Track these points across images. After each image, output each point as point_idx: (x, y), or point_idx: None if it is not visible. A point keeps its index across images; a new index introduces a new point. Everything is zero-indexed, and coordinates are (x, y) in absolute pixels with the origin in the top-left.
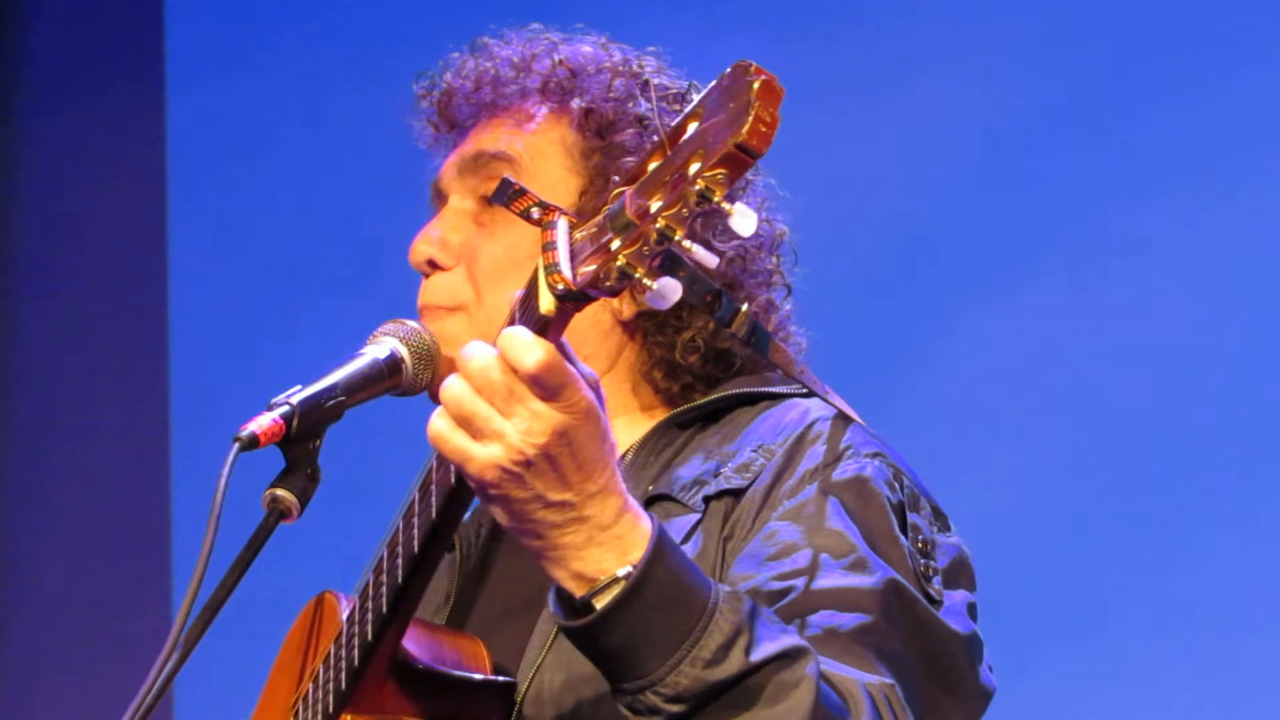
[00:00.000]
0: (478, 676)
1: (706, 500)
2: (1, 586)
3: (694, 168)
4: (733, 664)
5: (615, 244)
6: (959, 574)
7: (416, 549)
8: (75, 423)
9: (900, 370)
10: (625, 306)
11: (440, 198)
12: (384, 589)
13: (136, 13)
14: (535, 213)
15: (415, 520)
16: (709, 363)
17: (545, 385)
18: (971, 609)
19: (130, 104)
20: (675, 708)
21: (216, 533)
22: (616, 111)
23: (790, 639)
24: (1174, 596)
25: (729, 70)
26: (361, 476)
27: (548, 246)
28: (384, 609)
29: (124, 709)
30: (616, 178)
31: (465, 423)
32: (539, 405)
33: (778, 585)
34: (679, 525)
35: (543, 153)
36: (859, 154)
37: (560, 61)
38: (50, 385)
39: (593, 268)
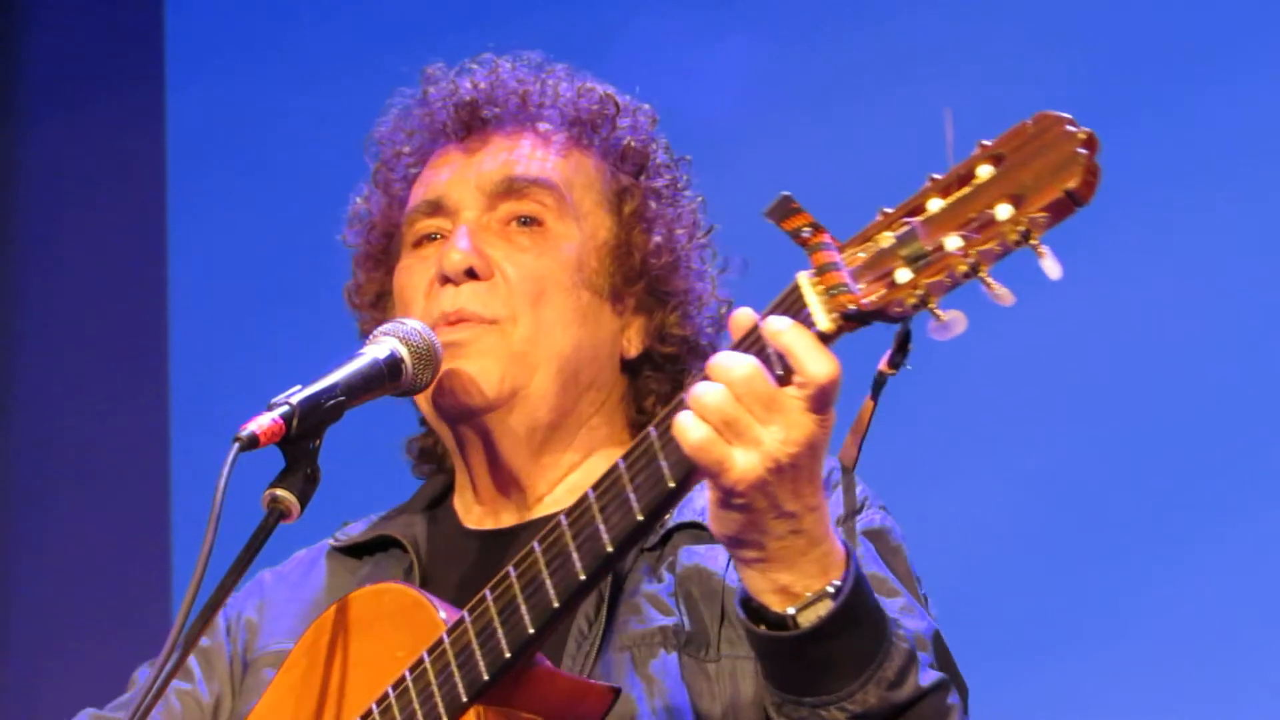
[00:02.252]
0: (592, 681)
1: None
2: (2, 586)
3: (1004, 209)
4: (909, 687)
5: (904, 273)
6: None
7: (610, 547)
8: (75, 424)
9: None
10: (632, 345)
11: (438, 207)
12: (550, 584)
13: (136, 12)
14: (806, 231)
15: (601, 519)
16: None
17: (826, 397)
18: None
19: (130, 104)
20: None
21: (216, 533)
22: (649, 152)
23: (937, 670)
24: (1174, 596)
25: (1032, 121)
26: (361, 476)
27: (826, 268)
28: (529, 630)
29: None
30: (887, 209)
31: (727, 427)
32: (800, 415)
33: None
34: (713, 553)
35: (574, 184)
36: (858, 154)
37: (604, 95)
38: (50, 386)
39: (878, 293)
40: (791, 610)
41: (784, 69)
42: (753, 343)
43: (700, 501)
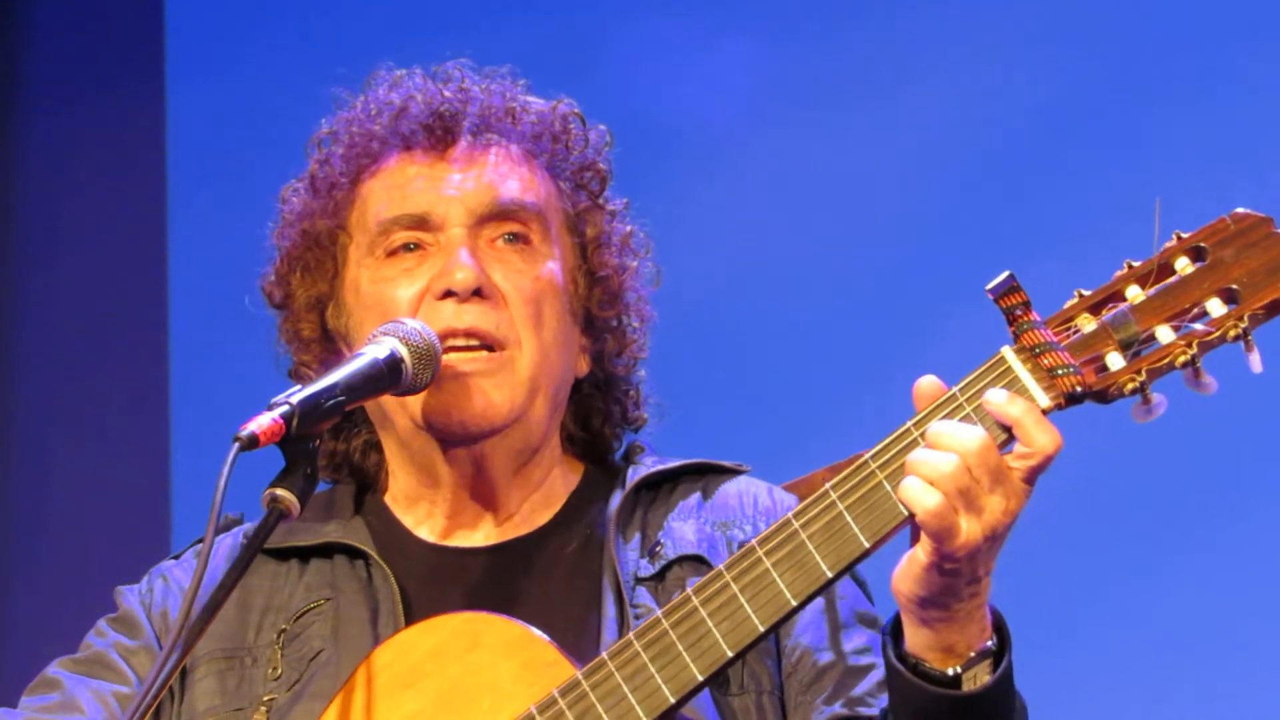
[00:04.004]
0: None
1: None
2: (2, 586)
3: (1215, 304)
4: None
5: (1115, 358)
6: None
7: (763, 630)
8: (75, 423)
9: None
10: (582, 365)
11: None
12: (689, 659)
13: (136, 12)
14: (1019, 310)
15: (748, 599)
16: (630, 416)
17: (1043, 470)
18: None
19: (130, 104)
20: None
21: (217, 533)
22: (606, 174)
23: None
24: (1171, 597)
25: (1229, 218)
26: None
27: (1043, 348)
28: (698, 679)
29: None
30: (1084, 291)
31: (960, 495)
32: (1019, 485)
33: (862, 660)
34: None
35: (550, 204)
36: (856, 153)
37: (565, 114)
38: (50, 385)
39: (1092, 375)
40: (954, 670)
41: (782, 71)
42: (959, 410)
43: (691, 534)
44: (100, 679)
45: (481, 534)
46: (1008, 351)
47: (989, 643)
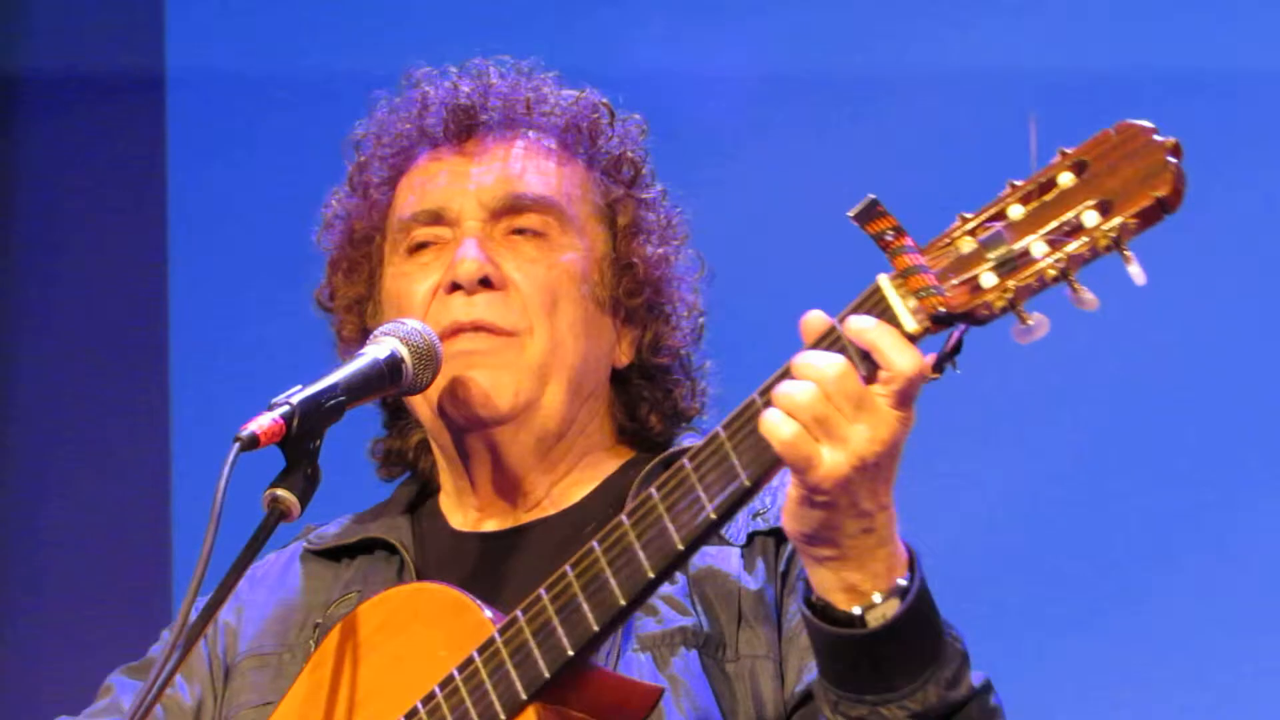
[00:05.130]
0: (638, 681)
1: (750, 536)
2: (2, 586)
3: (1091, 216)
4: (964, 687)
5: (990, 277)
6: None
7: (652, 574)
8: (75, 423)
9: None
10: (624, 355)
11: (435, 216)
12: (588, 609)
13: (136, 13)
14: (890, 235)
15: (668, 517)
16: (681, 407)
17: (911, 393)
18: None
19: (130, 104)
20: None
21: (216, 533)
22: (640, 163)
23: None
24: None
25: (1113, 130)
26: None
27: (912, 270)
28: (594, 628)
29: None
30: (966, 214)
31: (817, 424)
32: (886, 413)
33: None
34: (724, 555)
35: (574, 197)
36: (853, 153)
37: (595, 104)
38: (50, 385)
39: (964, 296)
40: (859, 609)
41: (779, 67)
42: (833, 342)
43: None
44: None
45: (504, 520)
46: (883, 279)
47: (900, 580)
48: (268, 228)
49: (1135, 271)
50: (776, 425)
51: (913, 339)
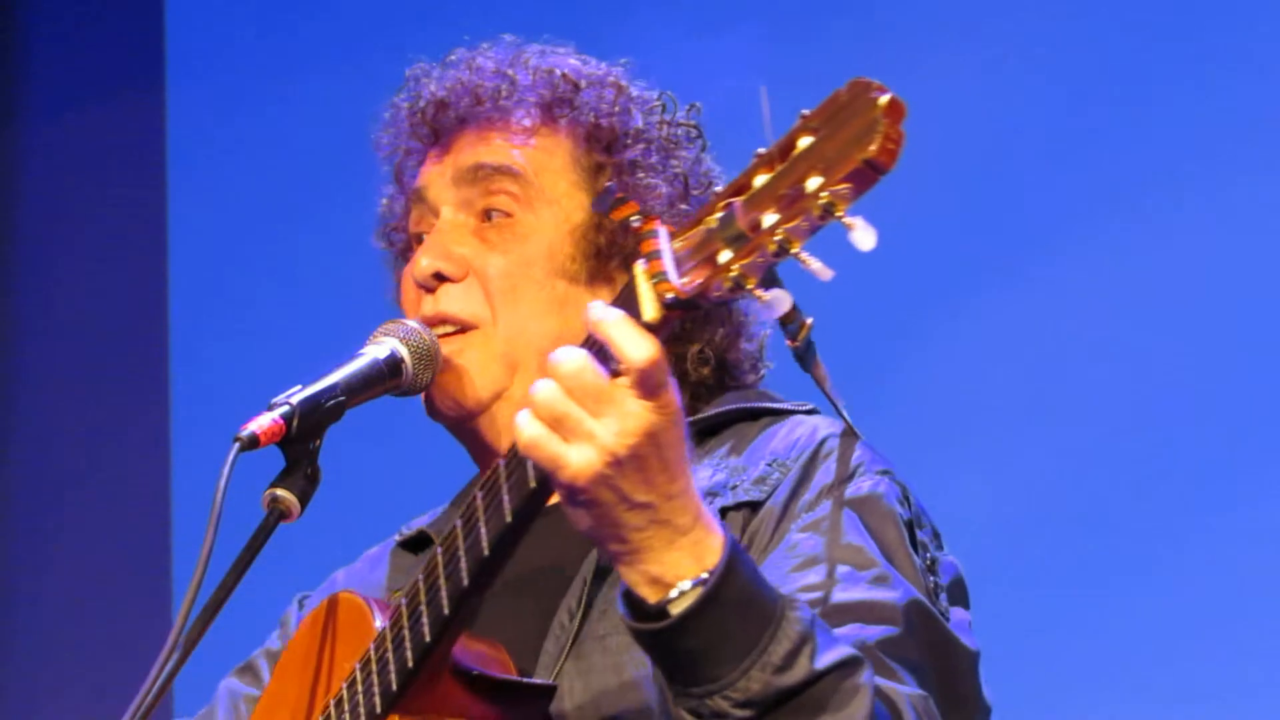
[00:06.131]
0: (523, 680)
1: (723, 511)
2: (2, 587)
3: (813, 182)
4: (799, 670)
5: (725, 255)
6: (958, 592)
7: (486, 551)
8: (75, 423)
9: (897, 367)
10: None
11: (422, 208)
12: (444, 591)
13: (136, 13)
14: (635, 221)
15: (482, 521)
16: (715, 374)
17: (649, 382)
18: (970, 626)
19: (130, 104)
20: (743, 713)
21: (216, 533)
22: (621, 126)
23: (848, 648)
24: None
25: (845, 88)
26: (361, 476)
27: (652, 255)
28: (445, 610)
29: (124, 709)
30: (717, 188)
31: (557, 424)
32: (633, 405)
33: (804, 597)
34: None
35: (546, 166)
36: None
37: (562, 76)
38: (50, 386)
39: (701, 278)
40: (662, 601)
41: (778, 67)
42: (588, 338)
43: (705, 480)
44: (242, 682)
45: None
46: (637, 266)
47: (706, 572)
48: (268, 228)
49: (859, 238)
50: (520, 427)
51: (656, 327)
